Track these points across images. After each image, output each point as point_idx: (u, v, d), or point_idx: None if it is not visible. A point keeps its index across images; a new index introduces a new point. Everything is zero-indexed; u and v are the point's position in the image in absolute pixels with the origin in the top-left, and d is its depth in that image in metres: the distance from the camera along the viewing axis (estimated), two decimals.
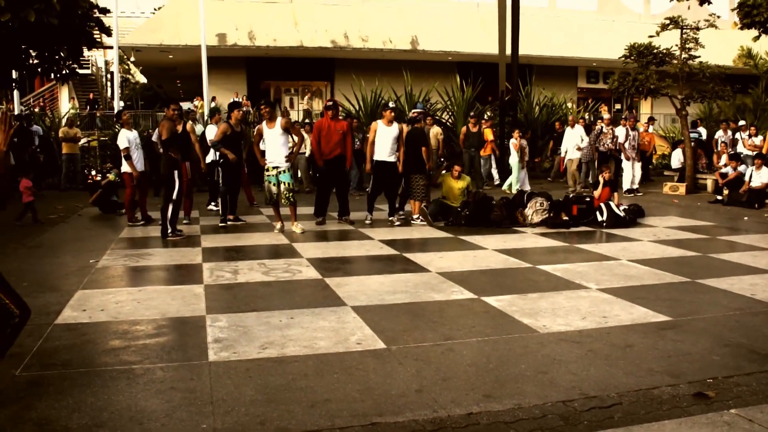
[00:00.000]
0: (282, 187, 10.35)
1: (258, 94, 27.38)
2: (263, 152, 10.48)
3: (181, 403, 3.97)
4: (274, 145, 10.33)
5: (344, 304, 6.15)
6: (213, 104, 23.11)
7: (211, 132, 13.13)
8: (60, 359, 4.72)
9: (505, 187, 16.51)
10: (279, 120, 10.42)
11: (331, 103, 11.28)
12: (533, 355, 4.83)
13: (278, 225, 10.48)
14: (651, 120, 20.68)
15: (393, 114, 10.96)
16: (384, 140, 10.85)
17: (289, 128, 10.49)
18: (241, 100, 25.62)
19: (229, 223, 11.05)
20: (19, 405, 3.95)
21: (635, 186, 16.36)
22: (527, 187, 15.92)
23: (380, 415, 3.83)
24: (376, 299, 6.36)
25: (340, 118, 11.74)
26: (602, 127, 16.76)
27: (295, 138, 10.93)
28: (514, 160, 16.36)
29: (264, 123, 10.41)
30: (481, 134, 17.42)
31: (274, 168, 10.35)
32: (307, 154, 16.12)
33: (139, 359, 4.72)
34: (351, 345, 5.02)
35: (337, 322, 5.59)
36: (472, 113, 18.09)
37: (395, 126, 10.92)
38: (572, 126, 17.12)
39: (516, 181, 16.27)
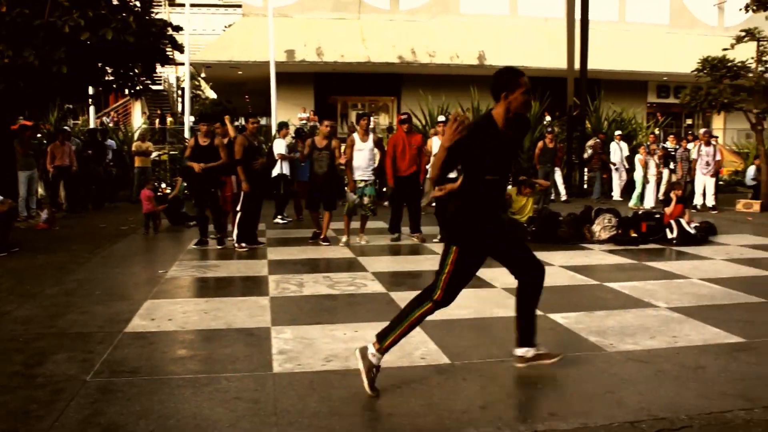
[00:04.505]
0: (366, 199, 10.48)
1: (325, 109, 27.62)
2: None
3: (245, 413, 4.01)
4: (365, 159, 10.49)
5: None
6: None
7: (279, 146, 13.34)
8: (129, 366, 4.82)
9: (632, 203, 16.53)
10: (371, 135, 10.58)
11: (405, 116, 11.14)
12: (600, 374, 4.73)
13: (344, 238, 10.55)
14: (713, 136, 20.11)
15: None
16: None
17: (377, 144, 10.77)
18: (308, 114, 25.94)
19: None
20: (90, 410, 4.04)
21: (711, 203, 15.97)
22: (651, 204, 16.02)
23: (444, 431, 3.79)
24: (441, 314, 6.30)
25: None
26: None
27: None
28: (639, 175, 16.53)
29: (357, 136, 10.52)
30: (557, 150, 17.34)
31: (362, 181, 10.49)
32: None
33: (205, 369, 4.79)
34: (415, 359, 5.00)
35: None
36: (549, 129, 17.98)
37: None
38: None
39: (637, 196, 16.73)
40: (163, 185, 16.66)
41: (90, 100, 17.57)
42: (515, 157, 4.61)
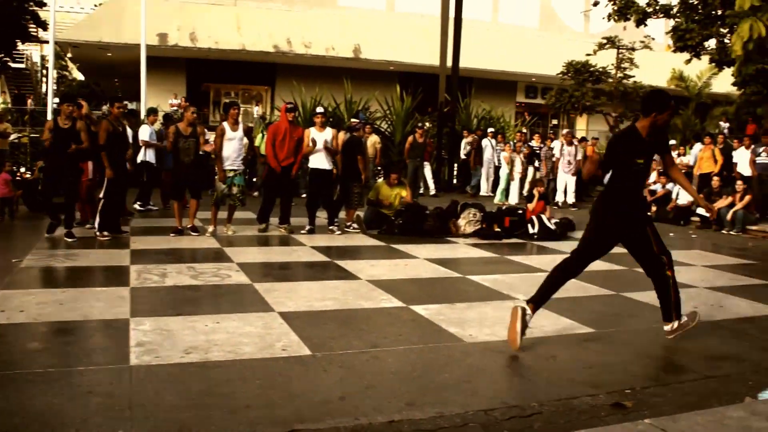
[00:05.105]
0: (235, 189, 10.35)
1: (197, 96, 27.07)
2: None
3: (98, 409, 3.88)
4: (235, 148, 10.34)
5: (272, 310, 6.10)
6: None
7: (144, 132, 13.01)
8: None
9: (497, 199, 16.97)
10: (241, 124, 10.47)
11: (292, 105, 10.93)
12: (458, 364, 4.87)
13: (211, 228, 10.36)
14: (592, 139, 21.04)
15: (323, 119, 10.94)
16: (317, 147, 10.75)
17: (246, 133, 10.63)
18: (179, 101, 25.36)
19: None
20: None
21: (572, 200, 16.70)
22: (515, 201, 16.39)
23: (301, 422, 3.80)
24: (305, 306, 6.33)
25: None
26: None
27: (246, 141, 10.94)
28: (504, 172, 17.12)
29: (227, 125, 10.31)
30: (427, 145, 17.70)
31: (232, 171, 10.33)
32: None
33: (58, 362, 4.60)
34: (276, 351, 4.98)
35: (264, 327, 5.55)
36: (420, 124, 18.30)
37: (328, 131, 10.88)
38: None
39: (501, 192, 17.18)
40: (22, 169, 15.85)
41: None
42: (660, 153, 5.53)
